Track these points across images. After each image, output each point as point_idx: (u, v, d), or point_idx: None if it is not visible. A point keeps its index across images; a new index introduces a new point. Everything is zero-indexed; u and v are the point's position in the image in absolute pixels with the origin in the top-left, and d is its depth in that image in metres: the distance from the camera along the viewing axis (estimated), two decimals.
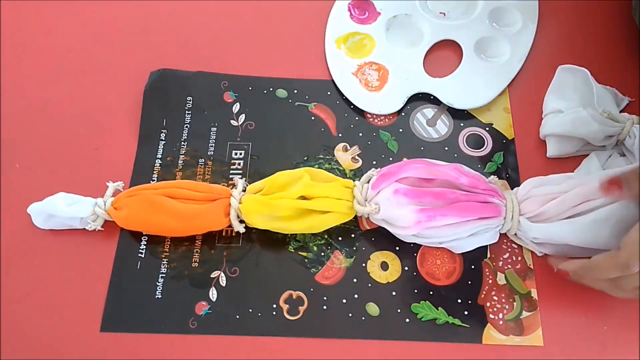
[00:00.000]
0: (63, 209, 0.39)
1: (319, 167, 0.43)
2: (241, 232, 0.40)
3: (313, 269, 0.40)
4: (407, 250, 0.41)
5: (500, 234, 0.41)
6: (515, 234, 0.40)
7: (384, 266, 0.40)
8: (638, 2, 0.47)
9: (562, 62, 0.45)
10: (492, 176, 0.42)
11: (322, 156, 0.45)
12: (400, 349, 0.38)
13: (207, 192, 0.40)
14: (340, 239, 0.41)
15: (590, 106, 0.42)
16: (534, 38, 0.50)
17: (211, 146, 0.45)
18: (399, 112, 0.47)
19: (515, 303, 0.39)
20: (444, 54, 0.50)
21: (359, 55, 0.49)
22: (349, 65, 0.49)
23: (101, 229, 0.40)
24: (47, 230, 0.41)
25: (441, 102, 0.47)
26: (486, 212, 0.38)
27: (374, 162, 0.44)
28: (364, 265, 0.40)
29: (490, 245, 0.41)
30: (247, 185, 0.41)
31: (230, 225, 0.40)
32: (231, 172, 0.44)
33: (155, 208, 0.39)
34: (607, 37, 0.50)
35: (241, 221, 0.40)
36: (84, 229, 0.40)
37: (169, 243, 0.41)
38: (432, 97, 0.47)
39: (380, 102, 0.46)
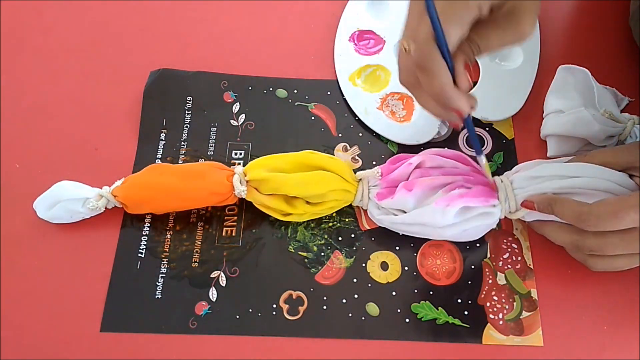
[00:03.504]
0: (68, 190, 0.40)
1: None
2: (243, 195, 0.40)
3: (313, 269, 0.40)
4: (407, 250, 0.41)
5: (497, 228, 0.41)
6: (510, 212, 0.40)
7: (384, 266, 0.40)
8: (637, 8, 0.48)
9: (561, 62, 0.45)
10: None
11: None
12: (400, 349, 0.38)
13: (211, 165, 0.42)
14: (340, 239, 0.41)
15: (592, 106, 0.42)
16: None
17: (211, 146, 0.45)
18: None
19: (515, 303, 0.39)
20: None
21: (377, 88, 0.47)
22: (371, 100, 0.46)
23: (107, 207, 0.41)
24: (47, 229, 0.41)
25: None
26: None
27: (374, 162, 0.44)
28: (364, 265, 0.40)
29: (490, 245, 0.41)
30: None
31: (229, 200, 0.40)
32: None
33: (160, 170, 0.40)
34: (608, 37, 0.50)
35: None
36: (84, 219, 0.40)
37: (169, 243, 0.41)
38: None
39: (413, 132, 0.44)
